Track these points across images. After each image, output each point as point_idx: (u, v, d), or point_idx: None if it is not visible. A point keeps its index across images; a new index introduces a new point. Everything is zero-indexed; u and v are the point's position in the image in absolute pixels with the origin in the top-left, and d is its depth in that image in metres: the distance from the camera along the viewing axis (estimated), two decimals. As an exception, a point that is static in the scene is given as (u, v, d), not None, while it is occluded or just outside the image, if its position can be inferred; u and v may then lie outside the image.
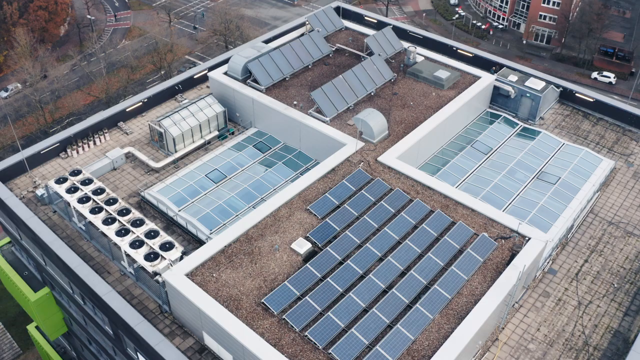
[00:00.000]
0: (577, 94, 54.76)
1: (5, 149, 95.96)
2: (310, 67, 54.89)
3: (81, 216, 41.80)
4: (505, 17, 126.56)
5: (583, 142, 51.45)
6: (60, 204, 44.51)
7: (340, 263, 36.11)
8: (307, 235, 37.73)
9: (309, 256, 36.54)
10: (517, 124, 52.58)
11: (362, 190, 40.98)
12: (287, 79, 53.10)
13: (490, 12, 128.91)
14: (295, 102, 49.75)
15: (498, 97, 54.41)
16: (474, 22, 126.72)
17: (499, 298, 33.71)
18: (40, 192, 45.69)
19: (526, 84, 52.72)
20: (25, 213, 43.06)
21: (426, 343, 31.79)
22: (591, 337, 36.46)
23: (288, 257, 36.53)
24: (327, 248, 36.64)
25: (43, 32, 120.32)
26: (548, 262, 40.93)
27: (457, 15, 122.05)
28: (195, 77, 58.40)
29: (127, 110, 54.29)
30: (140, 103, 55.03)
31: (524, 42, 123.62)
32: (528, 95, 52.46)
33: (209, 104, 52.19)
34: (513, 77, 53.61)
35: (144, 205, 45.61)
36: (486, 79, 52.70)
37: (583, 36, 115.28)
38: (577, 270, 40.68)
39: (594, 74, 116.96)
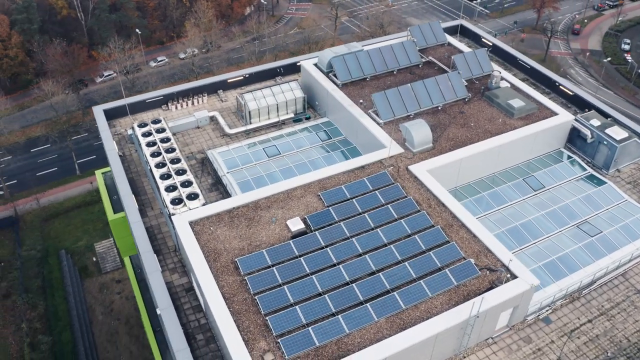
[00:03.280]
0: (666, 154, 48.42)
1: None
2: (394, 72, 54.99)
3: (146, 157, 47.10)
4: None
5: (653, 204, 45.52)
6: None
7: (322, 248, 36.81)
8: (305, 216, 38.91)
9: (297, 235, 37.75)
10: (585, 170, 48.02)
11: (376, 191, 40.93)
12: (367, 79, 53.88)
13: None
14: (361, 101, 50.52)
15: (577, 139, 49.95)
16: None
17: (451, 322, 32.12)
18: (129, 132, 52.08)
19: (606, 130, 47.76)
20: (109, 145, 49.48)
21: (357, 340, 31.53)
22: (553, 395, 33.23)
23: (280, 231, 38.09)
24: (316, 232, 37.53)
25: (228, 9, 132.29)
26: (546, 310, 37.61)
27: (609, 58, 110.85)
28: (298, 64, 61.42)
29: (228, 81, 59.04)
30: (242, 77, 59.49)
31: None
32: (605, 143, 47.56)
33: (292, 88, 54.90)
34: (595, 122, 48.86)
35: (205, 162, 49.79)
36: (562, 117, 48.71)
37: None
38: (575, 327, 36.83)
39: None
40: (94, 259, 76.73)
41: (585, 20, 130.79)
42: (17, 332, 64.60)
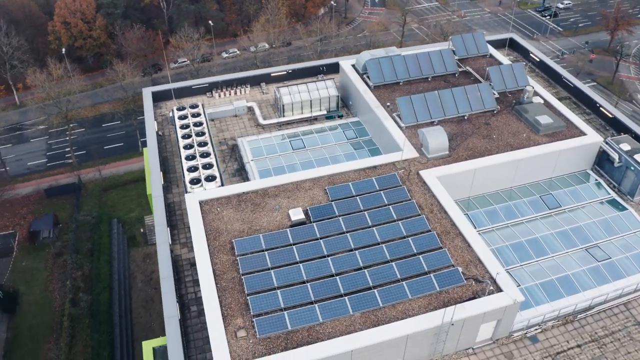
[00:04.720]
0: (699, 187, 45.21)
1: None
2: (429, 79, 54.41)
3: (177, 138, 49.23)
4: None
5: (675, 236, 42.74)
6: (177, 125, 52.64)
7: (316, 239, 37.28)
8: (307, 208, 39.51)
9: (296, 224, 38.40)
10: (609, 194, 45.73)
11: (382, 191, 40.90)
12: (400, 83, 53.62)
13: None
14: (388, 104, 50.43)
15: (606, 162, 47.61)
16: None
17: (423, 326, 31.79)
18: (170, 114, 54.51)
19: (635, 156, 45.23)
20: (149, 123, 52.05)
21: (329, 330, 31.85)
22: (523, 412, 32.19)
23: (280, 219, 38.91)
24: (314, 224, 38.07)
25: (302, 8, 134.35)
26: (535, 329, 36.37)
27: None
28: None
29: (272, 75, 60.45)
30: (285, 72, 60.73)
31: None
32: (632, 168, 45.10)
33: (326, 86, 55.53)
34: (625, 146, 46.39)
35: (235, 148, 51.39)
36: (589, 138, 46.57)
37: None
38: (562, 350, 35.40)
39: None
40: (142, 231, 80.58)
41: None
42: (62, 289, 69.13)
